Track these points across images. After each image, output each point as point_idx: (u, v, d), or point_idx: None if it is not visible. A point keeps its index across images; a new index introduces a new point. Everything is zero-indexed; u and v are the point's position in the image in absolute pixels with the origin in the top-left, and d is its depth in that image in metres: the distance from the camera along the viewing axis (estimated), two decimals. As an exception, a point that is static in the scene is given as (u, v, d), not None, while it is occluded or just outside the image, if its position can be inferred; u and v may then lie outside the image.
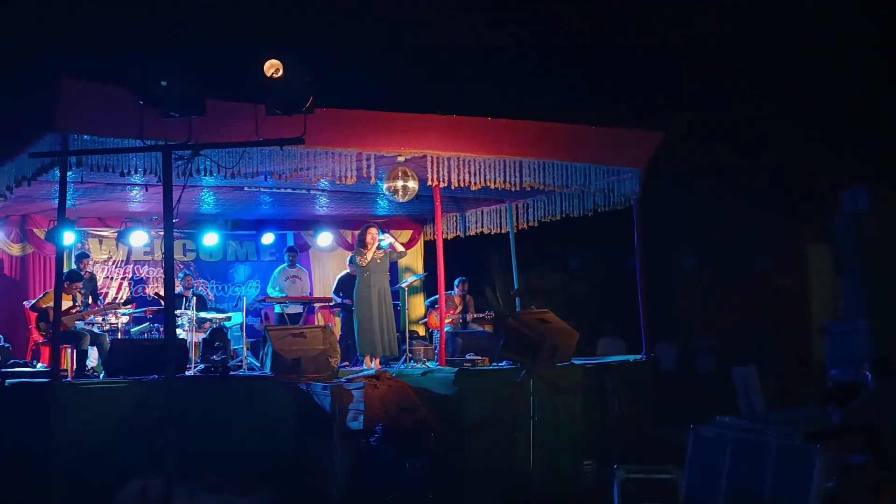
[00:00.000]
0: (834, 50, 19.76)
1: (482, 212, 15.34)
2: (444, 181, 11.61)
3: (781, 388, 14.94)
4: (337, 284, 14.40)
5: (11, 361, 12.21)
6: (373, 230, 12.45)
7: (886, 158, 18.51)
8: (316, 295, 15.48)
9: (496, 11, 21.20)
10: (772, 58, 20.71)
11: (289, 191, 13.42)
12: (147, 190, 12.51)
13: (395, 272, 15.03)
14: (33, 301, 12.86)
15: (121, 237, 14.92)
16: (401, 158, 11.65)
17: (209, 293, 15.67)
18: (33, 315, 12.44)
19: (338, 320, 15.05)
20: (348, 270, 14.23)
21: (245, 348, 12.52)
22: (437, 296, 12.76)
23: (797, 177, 19.43)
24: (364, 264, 12.25)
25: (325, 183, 12.04)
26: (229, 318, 13.65)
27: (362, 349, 12.19)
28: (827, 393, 13.18)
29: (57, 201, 10.00)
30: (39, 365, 12.00)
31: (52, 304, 10.50)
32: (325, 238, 16.23)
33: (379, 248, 12.40)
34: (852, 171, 18.53)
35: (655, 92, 20.58)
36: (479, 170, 11.70)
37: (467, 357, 12.39)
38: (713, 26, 20.56)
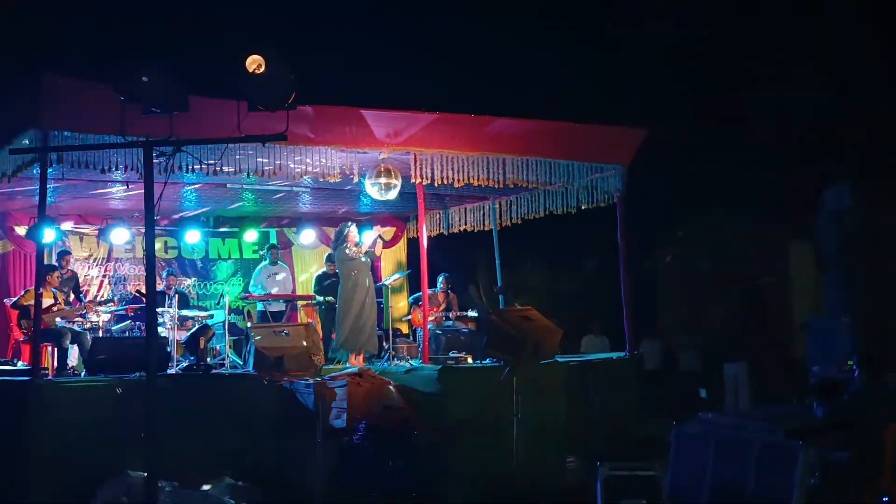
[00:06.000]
0: (817, 48, 19.83)
1: (465, 209, 15.31)
2: (427, 178, 11.60)
3: (763, 385, 14.99)
4: (316, 284, 14.38)
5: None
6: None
7: (869, 156, 18.58)
8: (298, 293, 15.43)
9: (480, 7, 21.20)
10: (755, 54, 20.77)
11: (271, 188, 13.37)
12: (128, 187, 12.45)
13: (376, 270, 15.01)
14: (14, 299, 12.77)
15: (102, 235, 14.82)
16: (384, 156, 11.63)
17: (191, 291, 15.58)
18: (14, 313, 12.35)
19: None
20: (325, 269, 14.28)
21: (227, 346, 12.46)
22: (420, 293, 12.74)
23: (780, 174, 19.47)
24: (355, 256, 12.28)
25: (308, 180, 12.00)
26: (211, 316, 13.59)
27: (344, 346, 12.15)
28: (810, 390, 13.21)
29: (37, 198, 9.94)
30: (20, 363, 11.92)
31: (33, 301, 10.43)
32: (307, 235, 16.17)
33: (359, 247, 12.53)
34: (835, 169, 18.58)
35: (640, 89, 20.60)
36: (463, 167, 11.70)
37: (451, 354, 12.35)
38: (697, 22, 20.60)
